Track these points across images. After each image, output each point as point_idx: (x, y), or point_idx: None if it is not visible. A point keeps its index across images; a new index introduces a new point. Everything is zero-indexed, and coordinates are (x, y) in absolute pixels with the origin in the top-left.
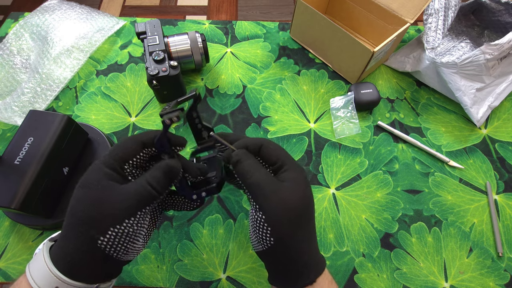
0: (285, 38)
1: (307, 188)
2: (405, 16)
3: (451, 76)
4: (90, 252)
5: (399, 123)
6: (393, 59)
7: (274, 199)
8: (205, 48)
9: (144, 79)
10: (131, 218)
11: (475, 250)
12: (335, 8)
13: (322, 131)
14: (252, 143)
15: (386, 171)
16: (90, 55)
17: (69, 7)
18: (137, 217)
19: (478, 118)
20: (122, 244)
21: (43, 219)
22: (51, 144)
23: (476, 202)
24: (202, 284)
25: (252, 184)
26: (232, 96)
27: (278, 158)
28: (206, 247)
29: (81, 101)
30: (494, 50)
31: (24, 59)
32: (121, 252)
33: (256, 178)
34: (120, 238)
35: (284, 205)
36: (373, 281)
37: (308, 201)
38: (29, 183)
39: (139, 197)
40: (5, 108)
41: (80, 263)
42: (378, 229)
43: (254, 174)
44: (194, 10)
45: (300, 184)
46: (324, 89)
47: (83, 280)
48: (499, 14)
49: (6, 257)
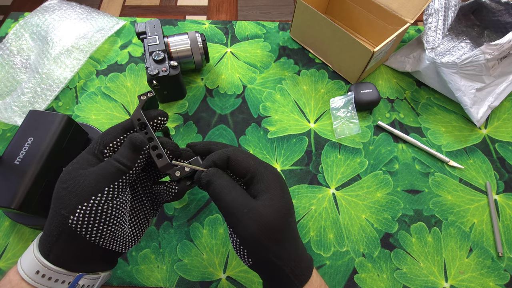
0: (285, 38)
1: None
2: (405, 16)
3: (451, 76)
4: (64, 233)
5: (399, 123)
6: (393, 59)
7: (246, 221)
8: (205, 48)
9: (144, 79)
10: (98, 194)
11: (475, 250)
12: (335, 8)
13: (322, 131)
14: (218, 157)
15: (386, 171)
16: (90, 55)
17: (69, 7)
18: (104, 193)
19: (478, 118)
20: (94, 224)
21: (43, 219)
22: (51, 144)
23: (476, 202)
24: (202, 284)
25: (224, 208)
26: (232, 96)
27: (248, 170)
28: (206, 247)
29: (81, 101)
30: (494, 50)
31: (24, 59)
32: (93, 233)
33: (226, 202)
34: (90, 217)
35: (258, 225)
36: (373, 281)
37: (284, 211)
38: (29, 183)
39: (104, 172)
40: (5, 108)
41: (58, 246)
42: (378, 229)
43: (225, 197)
44: (194, 10)
45: (273, 195)
46: (324, 89)
47: (62, 264)
48: (499, 14)
49: (6, 257)
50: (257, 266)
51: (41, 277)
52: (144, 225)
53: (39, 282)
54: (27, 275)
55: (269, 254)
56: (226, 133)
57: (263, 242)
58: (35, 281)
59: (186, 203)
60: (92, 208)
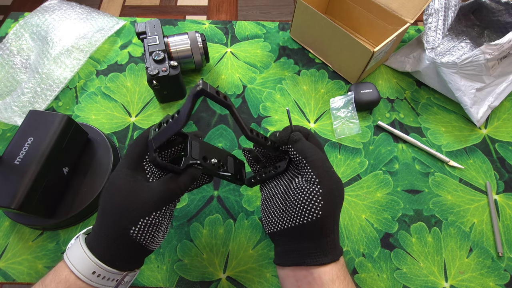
0: (285, 38)
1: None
2: (405, 16)
3: (451, 76)
4: (122, 240)
5: (399, 123)
6: (393, 59)
7: (333, 176)
8: (205, 48)
9: (144, 79)
10: (157, 212)
11: (475, 250)
12: (335, 8)
13: (322, 131)
14: (303, 129)
15: (386, 171)
16: (90, 55)
17: (69, 7)
18: (163, 210)
19: (478, 118)
20: (149, 234)
21: (43, 219)
22: (51, 144)
23: (476, 202)
24: (202, 284)
25: (315, 160)
26: (232, 96)
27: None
28: (206, 247)
29: (81, 101)
30: (494, 50)
31: (24, 59)
32: (148, 241)
33: (318, 155)
34: (148, 228)
35: (337, 185)
36: (373, 281)
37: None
38: (29, 183)
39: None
40: (5, 108)
41: (113, 250)
42: (378, 229)
43: (315, 152)
44: (194, 10)
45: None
46: (324, 89)
47: (116, 266)
48: (499, 14)
49: (6, 257)
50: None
51: (96, 276)
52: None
53: (94, 281)
54: (84, 275)
55: (336, 212)
56: (226, 133)
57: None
58: (91, 280)
59: (186, 203)
60: (152, 222)
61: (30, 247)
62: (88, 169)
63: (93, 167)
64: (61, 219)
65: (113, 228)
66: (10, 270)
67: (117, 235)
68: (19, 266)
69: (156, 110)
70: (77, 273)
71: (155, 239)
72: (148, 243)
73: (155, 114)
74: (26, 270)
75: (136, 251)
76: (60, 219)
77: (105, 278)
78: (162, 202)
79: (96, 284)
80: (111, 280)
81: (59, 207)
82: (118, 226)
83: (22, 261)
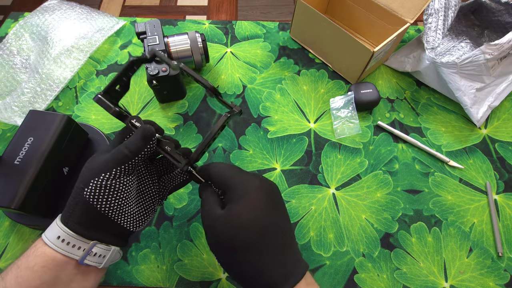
0: (285, 38)
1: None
2: (405, 16)
3: (451, 76)
4: (79, 202)
5: (399, 123)
6: (393, 59)
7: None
8: (205, 48)
9: (144, 79)
10: (106, 173)
11: (475, 250)
12: (335, 8)
13: (322, 131)
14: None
15: (386, 171)
16: (90, 55)
17: (69, 7)
18: (112, 172)
19: (478, 118)
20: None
21: (43, 219)
22: (51, 144)
23: (476, 202)
24: (202, 284)
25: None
26: (232, 96)
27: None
28: (206, 247)
29: (81, 101)
30: (494, 50)
31: (24, 59)
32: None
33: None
34: (99, 190)
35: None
36: (373, 281)
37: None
38: (29, 183)
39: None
40: (5, 108)
41: (75, 214)
42: (378, 229)
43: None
44: (194, 10)
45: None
46: (324, 89)
47: (78, 231)
48: (499, 14)
49: (6, 257)
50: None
51: (61, 242)
52: (150, 209)
53: (59, 246)
54: (50, 240)
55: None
56: (226, 133)
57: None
58: (56, 245)
59: (186, 203)
60: (102, 183)
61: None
62: None
63: None
64: None
65: (73, 192)
66: None
67: (76, 199)
68: None
69: (156, 110)
70: (45, 238)
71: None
72: (104, 208)
73: (155, 114)
74: None
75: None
76: None
77: (69, 244)
78: (111, 164)
79: (62, 251)
80: (77, 248)
81: (59, 207)
82: (76, 189)
83: None
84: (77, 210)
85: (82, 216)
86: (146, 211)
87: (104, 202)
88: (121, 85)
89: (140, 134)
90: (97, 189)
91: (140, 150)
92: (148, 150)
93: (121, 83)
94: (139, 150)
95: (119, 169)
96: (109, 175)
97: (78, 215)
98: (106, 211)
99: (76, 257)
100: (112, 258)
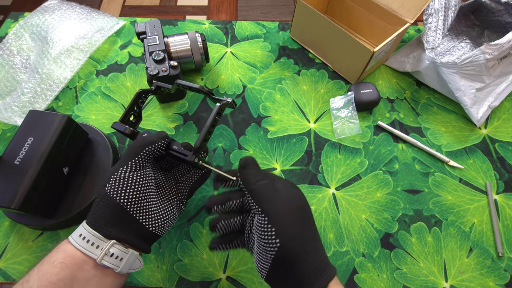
0: (285, 38)
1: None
2: (405, 16)
3: (451, 76)
4: (101, 199)
5: (399, 123)
6: (393, 59)
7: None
8: (205, 48)
9: (144, 79)
10: (123, 167)
11: (475, 250)
12: (335, 8)
13: (322, 131)
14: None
15: (386, 171)
16: (90, 55)
17: (69, 7)
18: (128, 165)
19: (478, 118)
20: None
21: (43, 219)
22: (51, 144)
23: (476, 202)
24: (202, 284)
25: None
26: (232, 96)
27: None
28: (206, 247)
29: (81, 101)
30: (494, 50)
31: (24, 59)
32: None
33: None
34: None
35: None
36: (373, 281)
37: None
38: (29, 183)
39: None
40: (5, 108)
41: (96, 211)
42: (378, 229)
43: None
44: (194, 10)
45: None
46: (324, 89)
47: (99, 229)
48: (499, 14)
49: (6, 257)
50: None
51: (82, 239)
52: (170, 212)
53: (79, 244)
54: (73, 238)
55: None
56: (226, 133)
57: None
58: (77, 242)
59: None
60: (120, 176)
61: (30, 247)
62: (88, 169)
63: (93, 167)
64: (61, 219)
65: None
66: (10, 270)
67: (99, 197)
68: (19, 266)
69: (156, 110)
70: (69, 237)
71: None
72: (123, 200)
73: (155, 114)
74: (26, 270)
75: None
76: (60, 219)
77: (89, 242)
78: (126, 158)
79: (82, 248)
80: (96, 247)
81: (59, 207)
82: (99, 189)
83: (22, 261)
84: (99, 208)
85: (103, 212)
86: (166, 214)
87: (122, 193)
88: (134, 115)
89: (156, 133)
90: (116, 181)
91: (153, 142)
92: (161, 145)
93: (134, 114)
94: (151, 142)
95: (134, 161)
96: (125, 167)
97: (100, 212)
98: (124, 203)
99: (94, 256)
100: (130, 263)
